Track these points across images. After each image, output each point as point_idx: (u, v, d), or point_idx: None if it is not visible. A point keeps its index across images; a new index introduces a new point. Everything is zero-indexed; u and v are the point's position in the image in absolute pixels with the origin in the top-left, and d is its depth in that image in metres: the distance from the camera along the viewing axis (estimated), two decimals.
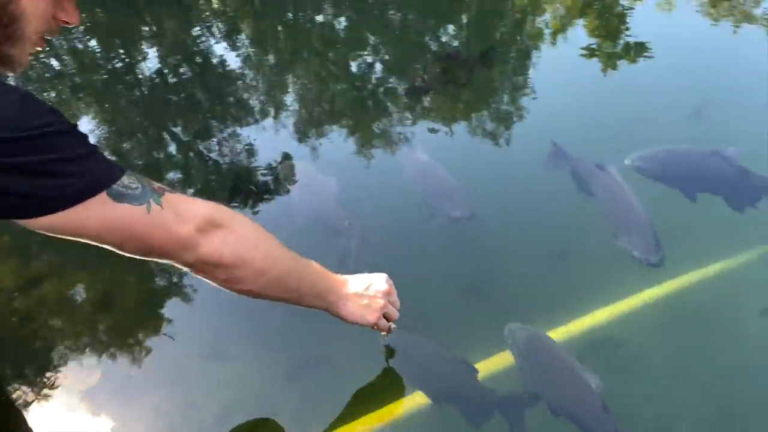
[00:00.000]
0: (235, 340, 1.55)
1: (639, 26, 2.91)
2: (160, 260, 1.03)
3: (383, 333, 1.33)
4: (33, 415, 1.37)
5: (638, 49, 2.73)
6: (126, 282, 1.71)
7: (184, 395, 1.42)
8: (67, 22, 0.94)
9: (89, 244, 0.96)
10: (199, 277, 1.08)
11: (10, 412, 1.38)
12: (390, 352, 1.43)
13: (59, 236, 0.92)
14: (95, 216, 0.91)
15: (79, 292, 1.68)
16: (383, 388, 1.39)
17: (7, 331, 1.59)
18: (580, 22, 3.10)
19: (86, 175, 0.88)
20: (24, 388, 1.43)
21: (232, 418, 1.35)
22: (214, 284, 1.10)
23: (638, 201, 1.80)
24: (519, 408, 1.33)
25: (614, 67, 2.65)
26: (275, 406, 1.38)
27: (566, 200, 1.90)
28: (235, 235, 1.07)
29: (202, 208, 1.04)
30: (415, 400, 1.35)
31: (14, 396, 1.41)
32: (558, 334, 1.45)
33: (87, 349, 1.52)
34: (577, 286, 1.60)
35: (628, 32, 2.88)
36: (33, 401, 1.39)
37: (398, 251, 1.76)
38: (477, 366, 1.39)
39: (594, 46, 2.80)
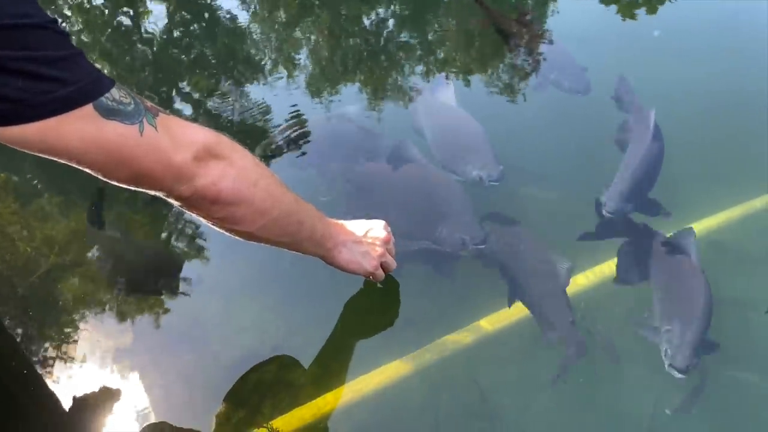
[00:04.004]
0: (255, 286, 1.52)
1: None
2: (149, 191, 0.91)
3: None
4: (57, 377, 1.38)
5: None
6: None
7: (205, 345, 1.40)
8: None
9: None
10: (192, 213, 0.98)
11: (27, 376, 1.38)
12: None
13: (32, 153, 0.79)
14: (78, 132, 0.77)
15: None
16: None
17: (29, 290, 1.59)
18: None
19: (70, 81, 0.74)
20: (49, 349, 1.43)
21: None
22: (210, 224, 1.01)
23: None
24: None
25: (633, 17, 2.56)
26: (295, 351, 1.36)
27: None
28: (236, 168, 0.95)
29: (200, 135, 0.92)
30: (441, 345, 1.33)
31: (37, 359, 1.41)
32: None
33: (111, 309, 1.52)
34: None
35: None
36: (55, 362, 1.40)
37: None
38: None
39: None
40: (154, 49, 2.69)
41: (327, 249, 1.18)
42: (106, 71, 2.63)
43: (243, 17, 2.79)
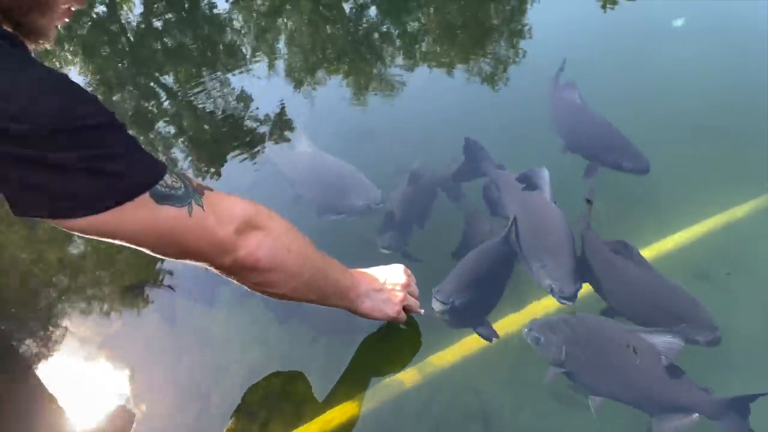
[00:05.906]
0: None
1: None
2: (192, 262, 0.98)
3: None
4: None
5: None
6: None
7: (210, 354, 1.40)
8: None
9: None
10: (229, 279, 1.04)
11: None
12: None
13: (90, 237, 0.85)
14: (135, 218, 0.84)
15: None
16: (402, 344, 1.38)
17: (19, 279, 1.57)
18: None
19: (129, 174, 0.82)
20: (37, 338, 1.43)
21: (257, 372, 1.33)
22: (244, 286, 1.07)
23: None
24: None
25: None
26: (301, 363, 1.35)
27: None
28: (271, 237, 1.03)
29: (241, 209, 1.00)
30: (441, 357, 1.34)
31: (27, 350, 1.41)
32: None
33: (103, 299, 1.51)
34: None
35: None
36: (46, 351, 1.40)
37: None
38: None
39: None
40: (131, 38, 2.63)
41: (350, 300, 1.23)
42: (85, 63, 2.54)
43: (223, 6, 2.73)
